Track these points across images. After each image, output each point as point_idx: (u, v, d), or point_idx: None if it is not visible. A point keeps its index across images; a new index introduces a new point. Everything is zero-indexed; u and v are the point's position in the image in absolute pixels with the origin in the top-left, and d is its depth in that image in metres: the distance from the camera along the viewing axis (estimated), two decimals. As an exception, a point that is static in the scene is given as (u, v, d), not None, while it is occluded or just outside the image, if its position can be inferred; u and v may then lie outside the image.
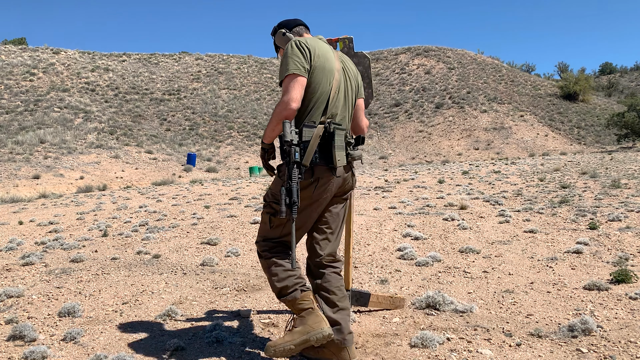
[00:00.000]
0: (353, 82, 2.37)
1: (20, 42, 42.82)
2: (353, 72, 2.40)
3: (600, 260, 3.94)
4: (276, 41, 2.46)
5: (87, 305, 3.27)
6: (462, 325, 2.71)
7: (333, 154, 2.15)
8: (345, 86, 2.31)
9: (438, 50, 45.15)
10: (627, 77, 56.78)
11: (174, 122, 31.35)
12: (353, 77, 2.38)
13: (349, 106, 2.34)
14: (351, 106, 2.36)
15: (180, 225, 6.50)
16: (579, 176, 11.22)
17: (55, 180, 18.10)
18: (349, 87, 2.34)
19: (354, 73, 2.41)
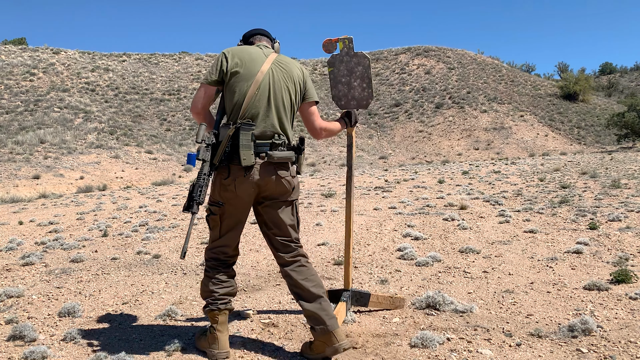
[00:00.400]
0: (290, 84, 2.40)
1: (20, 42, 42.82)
2: (293, 76, 2.42)
3: (600, 260, 3.94)
4: None
5: (87, 305, 3.27)
6: (462, 325, 2.71)
7: (239, 153, 2.23)
8: (273, 88, 2.35)
9: (438, 50, 45.14)
10: (627, 77, 56.76)
11: (174, 122, 31.34)
12: (290, 80, 2.40)
13: (279, 107, 2.36)
14: (283, 107, 2.37)
15: (180, 225, 6.50)
16: (579, 176, 11.22)
17: (55, 180, 18.09)
18: (280, 89, 2.37)
19: (296, 77, 2.43)
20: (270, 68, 2.37)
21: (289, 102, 2.40)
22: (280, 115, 2.36)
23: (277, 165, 2.34)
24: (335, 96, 2.93)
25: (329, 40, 2.89)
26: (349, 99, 2.90)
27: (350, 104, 2.90)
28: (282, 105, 2.37)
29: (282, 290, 3.48)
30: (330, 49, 2.89)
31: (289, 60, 2.47)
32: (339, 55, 2.90)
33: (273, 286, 3.62)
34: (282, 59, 2.45)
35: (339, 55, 2.90)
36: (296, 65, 2.47)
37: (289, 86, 2.39)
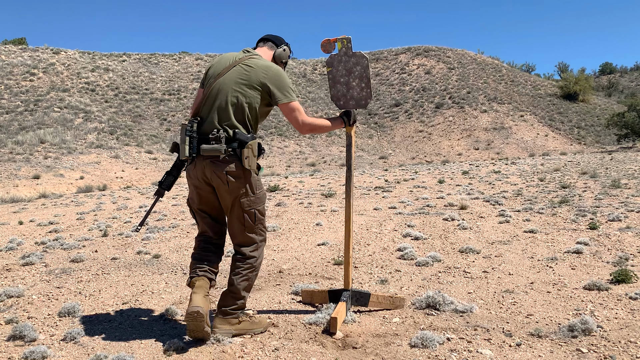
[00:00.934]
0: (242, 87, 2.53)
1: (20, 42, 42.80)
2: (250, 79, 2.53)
3: (600, 260, 3.94)
4: None
5: (87, 305, 3.27)
6: (462, 325, 2.71)
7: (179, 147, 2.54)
8: (219, 90, 2.55)
9: (438, 50, 45.13)
10: (627, 77, 56.75)
11: (174, 122, 31.34)
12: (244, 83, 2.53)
13: (222, 107, 2.53)
14: (227, 106, 2.52)
15: (180, 225, 6.50)
16: (579, 176, 11.22)
17: (55, 180, 18.10)
18: (227, 91, 2.54)
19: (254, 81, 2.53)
20: (228, 73, 2.57)
21: (236, 102, 2.52)
22: (222, 114, 2.52)
23: (211, 159, 2.49)
24: (334, 96, 2.93)
25: (327, 41, 2.88)
26: (348, 99, 2.90)
27: (349, 103, 2.90)
28: (225, 105, 2.52)
29: (282, 290, 3.48)
30: (329, 49, 2.89)
31: (255, 64, 2.57)
32: (337, 55, 2.90)
33: (273, 286, 3.62)
34: (249, 62, 2.58)
35: (338, 55, 2.90)
36: (261, 71, 2.55)
37: (239, 88, 2.53)
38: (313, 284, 3.61)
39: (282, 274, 3.95)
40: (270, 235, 5.53)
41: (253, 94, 2.54)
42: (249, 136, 2.50)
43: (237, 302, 2.60)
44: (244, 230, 2.61)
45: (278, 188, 10.87)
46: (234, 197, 2.54)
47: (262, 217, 2.65)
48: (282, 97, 2.56)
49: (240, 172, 2.51)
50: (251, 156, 2.50)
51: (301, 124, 2.60)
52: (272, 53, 2.74)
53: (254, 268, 2.63)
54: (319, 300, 3.10)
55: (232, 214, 2.60)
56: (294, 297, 3.32)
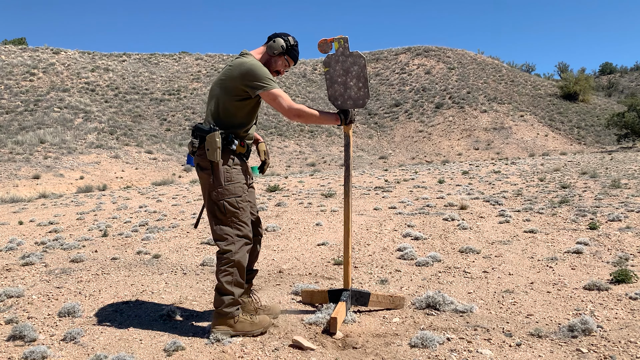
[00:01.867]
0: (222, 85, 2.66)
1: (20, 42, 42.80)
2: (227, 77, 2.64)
3: (600, 260, 3.94)
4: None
5: (87, 305, 3.27)
6: (462, 325, 2.71)
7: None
8: (211, 90, 2.73)
9: (438, 50, 45.12)
10: (627, 77, 56.75)
11: (174, 122, 31.34)
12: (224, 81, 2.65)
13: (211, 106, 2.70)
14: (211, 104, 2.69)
15: (180, 225, 6.50)
16: (579, 176, 11.22)
17: (55, 180, 18.09)
18: (212, 90, 2.71)
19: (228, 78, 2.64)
20: (217, 76, 2.74)
21: (214, 100, 2.67)
22: (207, 113, 2.71)
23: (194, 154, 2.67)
24: (332, 96, 2.93)
25: (324, 41, 2.88)
26: (346, 99, 2.90)
27: (347, 103, 2.90)
28: (208, 104, 2.73)
29: (282, 290, 3.48)
30: (326, 49, 2.88)
31: (234, 62, 2.68)
32: (334, 55, 2.90)
33: (273, 286, 3.62)
34: (231, 62, 2.70)
35: (335, 55, 2.89)
36: (236, 67, 2.64)
37: (217, 87, 2.68)
38: (313, 284, 3.61)
39: (282, 274, 3.95)
40: (270, 235, 5.53)
41: (228, 90, 2.62)
42: (207, 129, 2.56)
43: (225, 298, 2.60)
44: (216, 223, 2.63)
45: (278, 188, 10.87)
46: (205, 189, 2.63)
47: (236, 211, 2.62)
48: (259, 87, 2.61)
49: (206, 163, 2.59)
50: (212, 148, 2.53)
51: (287, 108, 2.64)
52: (266, 49, 2.79)
53: (231, 262, 2.61)
54: (319, 300, 3.10)
55: (207, 207, 2.67)
56: (294, 297, 3.32)
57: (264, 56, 2.78)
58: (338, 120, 2.83)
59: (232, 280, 2.61)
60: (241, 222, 2.65)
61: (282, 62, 2.82)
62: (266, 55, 2.78)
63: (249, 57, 2.70)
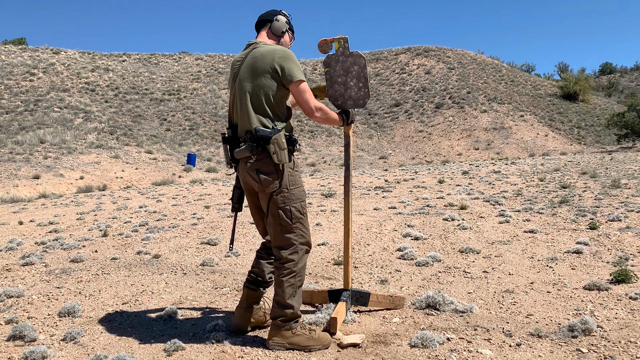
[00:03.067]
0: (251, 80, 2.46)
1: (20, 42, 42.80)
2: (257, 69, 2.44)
3: (600, 260, 3.94)
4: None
5: (87, 305, 3.27)
6: (462, 325, 2.70)
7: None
8: (240, 89, 2.51)
9: (438, 50, 45.12)
10: (627, 77, 56.75)
11: (174, 122, 31.33)
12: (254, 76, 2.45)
13: (244, 106, 2.47)
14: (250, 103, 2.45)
15: (180, 226, 6.50)
16: (579, 176, 11.22)
17: (55, 180, 18.09)
18: (243, 88, 2.49)
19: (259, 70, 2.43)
20: (240, 72, 2.53)
21: (253, 98, 2.45)
22: (245, 114, 2.46)
23: (245, 161, 2.48)
24: (332, 96, 2.92)
25: (324, 41, 2.87)
26: (346, 99, 2.90)
27: (347, 103, 2.90)
28: (245, 105, 2.47)
29: (282, 290, 3.48)
30: (326, 49, 2.87)
31: (259, 52, 2.47)
32: (334, 55, 2.89)
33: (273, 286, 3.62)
34: (253, 53, 2.50)
35: (335, 56, 2.89)
36: (266, 57, 2.44)
37: (251, 83, 2.46)
38: (313, 284, 3.61)
39: (282, 274, 3.94)
40: (270, 235, 5.52)
41: (266, 83, 2.43)
42: (271, 131, 2.39)
43: (284, 311, 2.45)
44: (280, 231, 2.46)
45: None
46: (268, 194, 2.45)
47: (301, 216, 2.49)
48: (293, 78, 2.43)
49: (271, 168, 2.42)
50: (279, 150, 2.37)
51: (313, 107, 2.47)
52: (270, 32, 2.62)
53: (294, 273, 2.46)
54: (319, 300, 3.10)
55: (268, 214, 2.49)
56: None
57: (272, 40, 2.62)
58: (341, 121, 2.78)
59: (295, 293, 2.47)
60: (305, 229, 2.52)
61: (288, 38, 2.68)
62: (274, 38, 2.62)
63: (264, 45, 2.52)
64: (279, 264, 2.48)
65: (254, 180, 2.45)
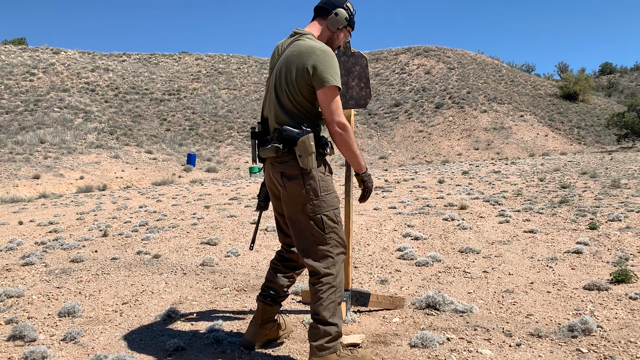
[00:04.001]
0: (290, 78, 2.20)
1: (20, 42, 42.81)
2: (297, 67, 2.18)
3: (600, 260, 3.94)
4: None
5: (87, 305, 3.27)
6: (462, 325, 2.70)
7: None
8: (275, 83, 2.27)
9: (438, 50, 45.13)
10: (627, 77, 56.76)
11: (174, 122, 31.34)
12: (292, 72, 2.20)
13: (275, 102, 2.25)
14: (282, 100, 2.22)
15: (180, 225, 6.50)
16: (579, 176, 11.22)
17: (55, 180, 18.09)
18: (278, 83, 2.25)
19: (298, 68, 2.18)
20: (277, 64, 2.29)
21: (285, 95, 2.22)
22: (276, 111, 2.24)
23: (270, 161, 2.27)
24: None
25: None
26: (347, 99, 2.90)
27: (349, 103, 2.90)
28: (276, 101, 2.25)
29: (282, 290, 3.48)
30: None
31: (298, 47, 2.22)
32: (336, 55, 2.88)
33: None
34: (293, 47, 2.24)
35: (336, 55, 2.89)
36: (304, 54, 2.18)
37: (286, 79, 2.22)
38: (313, 284, 3.60)
39: (282, 274, 3.94)
40: (270, 235, 5.53)
41: (300, 81, 2.17)
42: (299, 132, 2.14)
43: (329, 330, 2.17)
44: (313, 243, 2.20)
45: (278, 188, 10.86)
46: (295, 202, 2.20)
47: (335, 225, 2.23)
48: (325, 81, 2.13)
49: (296, 172, 2.17)
50: (306, 153, 2.13)
51: (336, 121, 2.15)
52: (324, 24, 2.34)
53: (334, 288, 2.20)
54: (319, 300, 3.09)
55: (296, 224, 2.23)
56: (294, 297, 3.32)
57: (324, 33, 2.34)
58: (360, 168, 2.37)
59: (337, 310, 2.20)
60: (340, 238, 2.26)
61: (343, 35, 2.40)
62: (327, 33, 2.34)
63: (311, 37, 2.27)
64: (316, 280, 2.21)
65: (278, 183, 2.23)
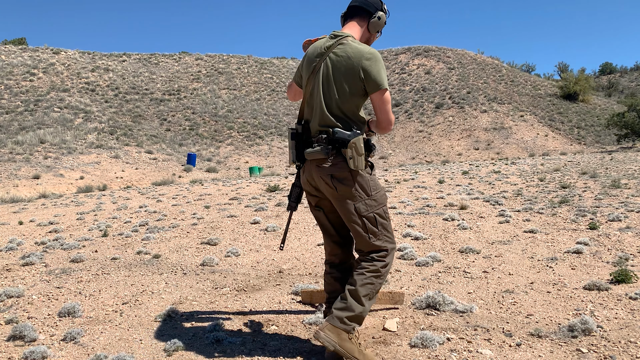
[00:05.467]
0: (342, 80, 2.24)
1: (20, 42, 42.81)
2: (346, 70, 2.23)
3: (600, 260, 3.94)
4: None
5: (87, 305, 3.27)
6: (462, 325, 2.71)
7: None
8: (320, 86, 2.29)
9: (438, 50, 45.14)
10: (627, 77, 56.76)
11: (174, 122, 31.34)
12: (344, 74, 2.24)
13: (322, 104, 2.27)
14: (330, 103, 2.26)
15: (180, 225, 6.50)
16: (579, 176, 11.22)
17: (55, 180, 18.09)
18: (325, 86, 2.28)
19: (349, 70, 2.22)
20: (321, 67, 2.30)
21: (334, 98, 2.26)
22: (322, 113, 2.27)
23: (316, 163, 2.29)
24: None
25: (308, 42, 2.81)
26: None
27: None
28: (323, 103, 2.27)
29: (282, 290, 3.48)
30: None
31: (345, 51, 2.25)
32: None
33: (273, 286, 3.62)
34: (339, 50, 2.26)
35: None
36: (353, 58, 2.22)
37: (334, 83, 2.26)
38: (313, 284, 3.61)
39: (282, 274, 3.95)
40: (270, 235, 5.53)
41: (349, 85, 2.23)
42: (350, 134, 2.21)
43: (354, 310, 2.22)
44: (368, 240, 2.29)
45: (278, 188, 10.86)
46: (347, 202, 2.27)
47: (385, 222, 2.33)
48: (379, 85, 2.22)
49: (346, 174, 2.23)
50: (357, 154, 2.19)
51: (392, 120, 2.32)
52: (365, 26, 2.38)
53: (380, 274, 2.29)
54: (319, 300, 3.10)
55: (351, 222, 2.30)
56: (294, 297, 3.32)
57: (364, 35, 2.39)
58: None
59: (372, 294, 2.28)
60: (390, 233, 2.35)
61: (376, 38, 2.46)
62: (367, 35, 2.39)
63: (353, 40, 2.30)
64: (369, 259, 2.30)
65: (329, 185, 2.27)
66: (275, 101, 38.00)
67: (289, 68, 45.52)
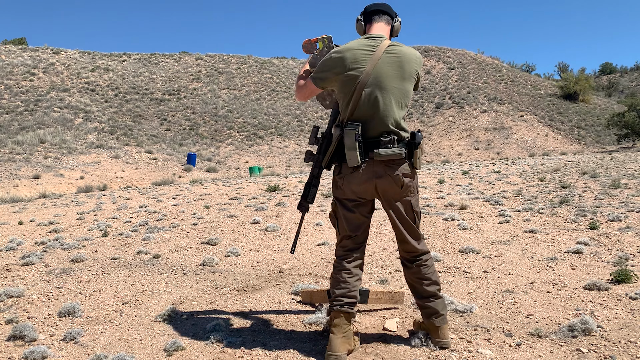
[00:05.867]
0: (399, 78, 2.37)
1: (20, 42, 42.80)
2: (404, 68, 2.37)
3: (600, 260, 3.94)
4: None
5: (87, 305, 3.27)
6: (462, 325, 2.71)
7: (345, 154, 2.35)
8: (381, 86, 2.34)
9: (438, 50, 45.14)
10: (627, 77, 56.77)
11: (174, 122, 31.34)
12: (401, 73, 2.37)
13: (387, 105, 2.34)
14: (394, 103, 2.36)
15: (180, 225, 6.50)
16: (579, 176, 11.22)
17: (56, 180, 18.09)
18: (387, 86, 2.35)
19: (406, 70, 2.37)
20: (377, 67, 2.34)
21: (397, 98, 2.37)
22: (387, 114, 2.34)
23: (385, 163, 2.34)
24: (320, 96, 2.87)
25: (308, 41, 2.80)
26: (333, 98, 2.88)
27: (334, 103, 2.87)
28: (389, 104, 2.35)
29: (282, 290, 3.48)
30: (310, 49, 2.79)
31: (402, 53, 2.38)
32: (319, 55, 2.84)
33: (273, 286, 3.62)
34: (394, 51, 2.37)
35: (320, 55, 2.84)
36: (412, 60, 2.40)
37: (396, 83, 2.36)
38: (313, 284, 3.61)
39: (282, 274, 3.95)
40: (270, 235, 5.53)
41: (409, 86, 2.41)
42: (420, 135, 2.37)
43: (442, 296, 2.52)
44: (415, 230, 2.46)
45: (278, 188, 10.86)
46: (404, 199, 2.41)
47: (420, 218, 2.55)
48: (418, 87, 2.53)
49: (413, 172, 2.40)
50: (421, 155, 2.40)
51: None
52: (389, 30, 2.51)
53: (433, 261, 2.56)
54: (319, 300, 3.10)
55: (402, 216, 2.42)
56: (294, 297, 3.32)
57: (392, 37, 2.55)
58: None
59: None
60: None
61: None
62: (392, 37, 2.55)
63: (402, 46, 2.43)
64: (423, 261, 2.47)
65: (397, 185, 2.36)
66: (275, 101, 37.99)
67: (289, 68, 45.52)
